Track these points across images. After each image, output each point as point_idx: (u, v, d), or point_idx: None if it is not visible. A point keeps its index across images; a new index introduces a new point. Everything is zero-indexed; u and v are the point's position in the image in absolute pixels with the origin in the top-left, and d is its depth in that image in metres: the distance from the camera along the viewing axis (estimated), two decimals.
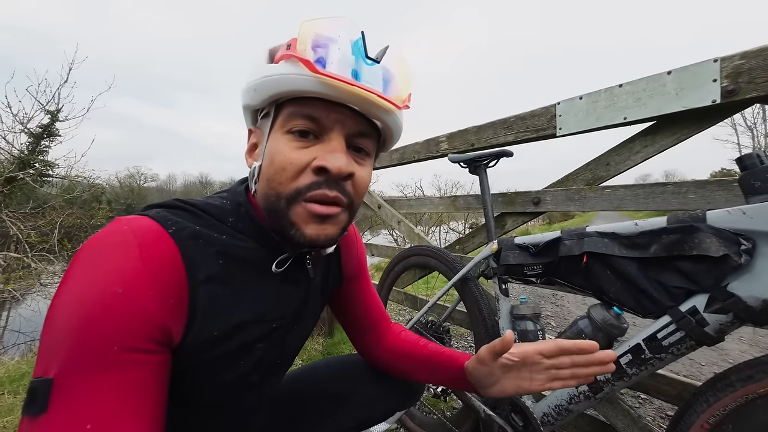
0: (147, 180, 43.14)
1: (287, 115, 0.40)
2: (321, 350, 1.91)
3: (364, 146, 0.44)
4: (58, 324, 0.31)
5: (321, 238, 0.41)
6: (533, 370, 0.47)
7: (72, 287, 0.32)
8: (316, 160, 0.39)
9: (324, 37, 0.38)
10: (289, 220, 0.40)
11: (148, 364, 0.33)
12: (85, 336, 0.30)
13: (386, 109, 0.41)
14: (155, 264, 0.34)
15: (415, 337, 0.66)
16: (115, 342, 0.31)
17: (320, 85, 0.37)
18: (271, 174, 0.40)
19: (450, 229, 11.92)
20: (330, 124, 0.40)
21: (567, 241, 0.74)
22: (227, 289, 0.40)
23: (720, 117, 0.78)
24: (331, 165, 0.38)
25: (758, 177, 0.52)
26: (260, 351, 0.46)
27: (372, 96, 0.39)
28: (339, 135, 0.40)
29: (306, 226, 0.40)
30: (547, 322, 2.65)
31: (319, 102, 0.39)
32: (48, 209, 6.13)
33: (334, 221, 0.41)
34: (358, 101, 0.39)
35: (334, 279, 0.61)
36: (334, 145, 0.40)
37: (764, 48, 0.68)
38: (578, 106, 0.96)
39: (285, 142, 0.40)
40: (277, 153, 0.40)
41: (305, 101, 0.39)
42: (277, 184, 0.40)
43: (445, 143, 1.40)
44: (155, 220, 0.37)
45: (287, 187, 0.39)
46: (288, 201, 0.39)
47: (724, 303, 0.52)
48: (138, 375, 0.32)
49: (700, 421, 0.53)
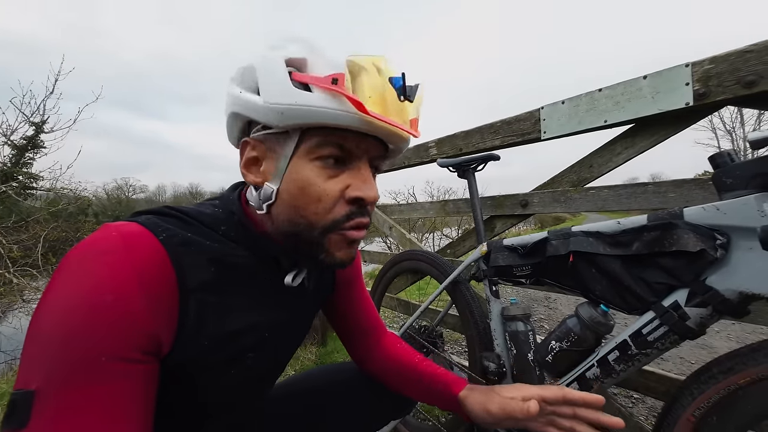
0: (135, 191, 42.40)
1: (317, 143, 0.39)
2: (314, 359, 1.88)
3: (378, 167, 0.45)
4: (42, 333, 0.30)
5: (348, 260, 0.43)
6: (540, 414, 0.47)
7: (57, 294, 0.31)
8: (351, 190, 0.40)
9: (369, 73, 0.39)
10: (323, 247, 0.41)
11: (136, 374, 0.32)
12: (70, 346, 0.29)
13: (408, 139, 0.44)
14: (145, 271, 0.33)
15: (411, 352, 0.65)
16: (102, 352, 0.30)
17: (365, 124, 0.38)
18: (303, 203, 0.40)
19: (444, 236, 11.97)
20: (359, 154, 0.41)
21: (553, 241, 0.75)
22: (219, 298, 0.40)
23: (694, 119, 0.82)
24: (368, 196, 0.40)
25: (729, 174, 0.54)
26: (251, 360, 0.45)
27: (405, 134, 0.41)
28: (366, 163, 0.42)
29: (339, 251, 0.42)
30: (541, 325, 2.67)
31: (353, 133, 0.39)
32: (32, 223, 5.96)
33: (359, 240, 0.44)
34: (391, 137, 0.41)
35: (326, 285, 0.61)
36: (365, 174, 0.41)
37: (731, 53, 0.72)
38: (561, 110, 0.99)
39: (315, 171, 0.39)
40: (310, 183, 0.39)
41: (337, 131, 0.39)
42: (312, 215, 0.40)
43: (434, 148, 1.42)
44: (145, 226, 0.36)
45: (324, 218, 0.40)
46: (324, 230, 0.40)
47: (703, 297, 0.54)
48: (125, 386, 0.31)
49: (685, 415, 0.54)
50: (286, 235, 0.42)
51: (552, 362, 0.72)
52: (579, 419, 0.45)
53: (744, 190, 0.52)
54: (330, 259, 0.42)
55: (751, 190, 0.51)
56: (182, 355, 0.37)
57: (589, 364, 0.67)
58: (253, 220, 0.45)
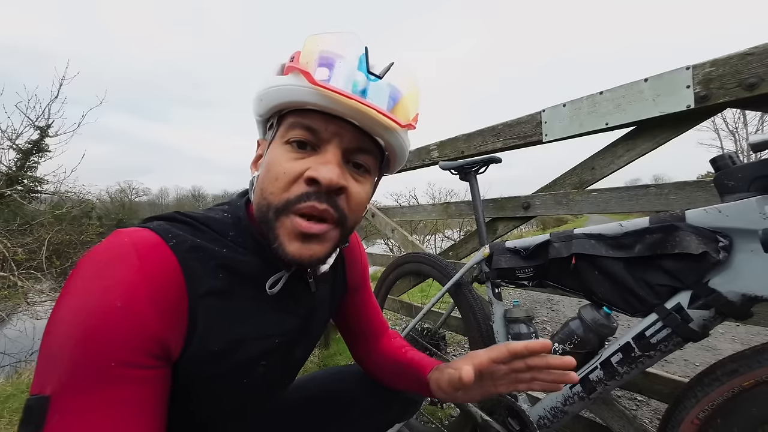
0: (139, 194, 42.75)
1: (287, 126, 0.41)
2: (317, 362, 1.88)
3: (364, 162, 0.43)
4: (55, 339, 0.31)
5: (304, 257, 0.39)
6: (494, 377, 0.46)
7: (71, 301, 0.32)
8: (308, 171, 0.38)
9: (328, 51, 0.39)
10: (274, 232, 0.39)
11: (147, 379, 0.33)
12: (82, 352, 0.30)
13: (387, 126, 0.40)
14: (155, 277, 0.34)
15: (400, 344, 0.65)
16: (114, 357, 0.30)
17: (318, 97, 0.37)
18: (265, 183, 0.40)
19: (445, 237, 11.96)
20: (327, 137, 0.39)
21: (556, 243, 0.76)
22: (228, 304, 0.40)
23: (696, 121, 0.82)
24: (322, 176, 0.37)
25: (731, 177, 0.54)
26: (263, 367, 0.45)
27: (371, 111, 0.38)
28: (335, 148, 0.40)
29: (289, 242, 0.38)
30: (543, 327, 2.66)
31: (319, 114, 0.39)
32: (36, 226, 6.01)
33: (321, 240, 0.40)
34: (357, 115, 0.39)
35: (340, 289, 0.61)
36: (329, 157, 0.39)
37: (732, 56, 0.72)
38: (562, 113, 1.00)
39: (282, 152, 0.40)
40: (273, 162, 0.40)
41: (306, 113, 0.40)
42: (269, 194, 0.39)
43: (436, 151, 1.43)
44: (156, 232, 0.37)
45: (278, 197, 0.38)
46: (277, 212, 0.39)
47: (706, 299, 0.54)
48: (137, 391, 0.32)
49: (690, 417, 0.54)
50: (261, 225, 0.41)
51: None
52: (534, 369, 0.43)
53: (746, 193, 0.52)
54: (282, 252, 0.39)
55: (752, 192, 0.52)
56: (192, 360, 0.37)
57: (592, 366, 0.67)
58: (257, 225, 0.45)
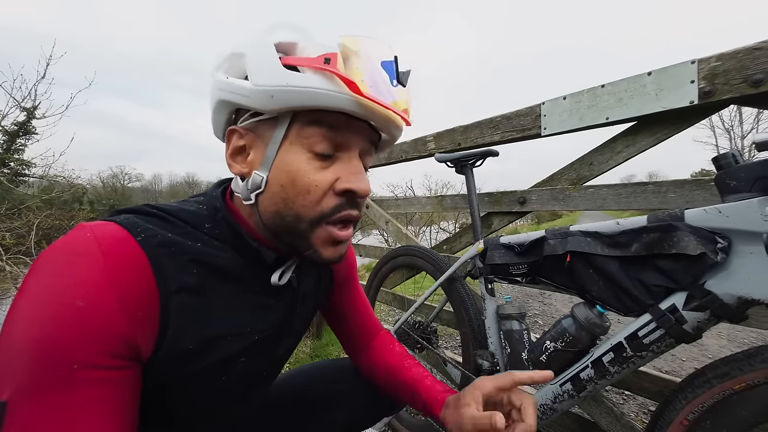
0: (131, 180, 41.98)
1: (306, 128, 0.38)
2: (309, 352, 1.88)
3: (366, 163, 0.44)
4: (12, 341, 0.28)
5: (336, 258, 0.42)
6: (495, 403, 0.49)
7: (28, 301, 0.30)
8: (341, 182, 0.39)
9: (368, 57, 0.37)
10: (309, 242, 0.40)
11: (113, 380, 0.31)
12: (40, 354, 0.28)
13: (402, 126, 0.43)
14: (120, 274, 0.32)
15: (401, 355, 0.64)
16: (75, 360, 0.28)
17: (358, 106, 0.36)
18: (292, 195, 0.38)
19: (441, 229, 12.00)
20: (351, 142, 0.40)
21: (551, 240, 0.74)
22: (202, 300, 0.38)
23: (698, 117, 0.80)
24: (358, 188, 0.39)
25: (733, 176, 0.53)
26: (243, 364, 0.44)
27: (398, 119, 0.40)
28: (356, 152, 0.41)
29: (324, 249, 0.41)
30: (535, 320, 2.69)
31: (342, 116, 0.37)
32: (24, 210, 5.89)
33: (347, 240, 0.43)
34: (384, 122, 0.40)
35: (325, 284, 0.59)
36: (356, 165, 0.40)
37: (739, 50, 0.70)
38: (562, 106, 0.97)
39: (304, 160, 0.38)
40: (299, 173, 0.38)
41: (327, 113, 0.37)
42: (300, 207, 0.38)
43: (432, 143, 1.40)
44: (123, 226, 0.34)
45: (312, 210, 0.38)
46: (311, 224, 0.39)
47: (701, 300, 0.53)
48: (102, 393, 0.30)
49: (679, 418, 0.54)
50: (272, 228, 0.41)
51: (546, 362, 0.72)
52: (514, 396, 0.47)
53: (747, 193, 0.51)
54: (316, 257, 0.41)
55: (754, 193, 0.50)
56: (166, 359, 0.35)
57: (583, 364, 0.66)
58: (237, 216, 0.43)
